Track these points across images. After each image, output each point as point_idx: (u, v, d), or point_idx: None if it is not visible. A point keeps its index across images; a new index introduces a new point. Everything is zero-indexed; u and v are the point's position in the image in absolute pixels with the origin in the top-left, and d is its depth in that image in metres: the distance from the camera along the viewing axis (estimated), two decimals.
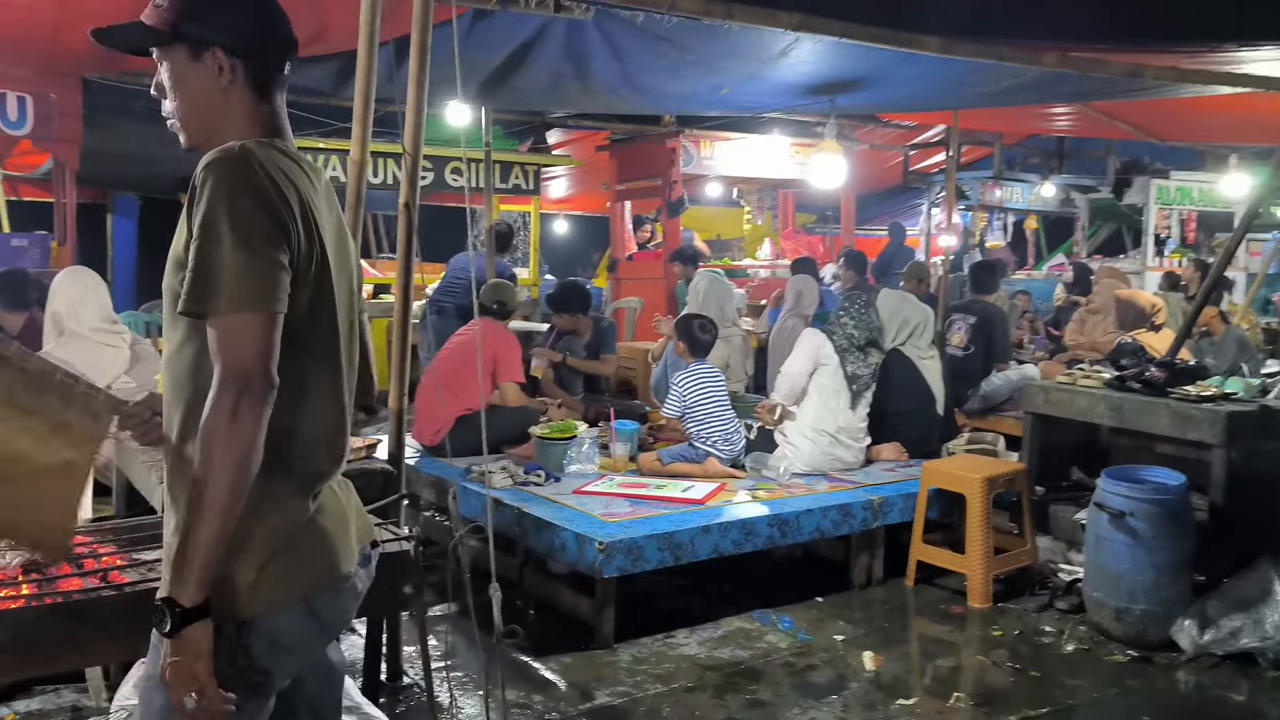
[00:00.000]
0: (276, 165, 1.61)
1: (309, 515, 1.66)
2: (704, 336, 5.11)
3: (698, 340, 5.09)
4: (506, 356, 5.20)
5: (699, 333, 5.10)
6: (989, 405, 6.83)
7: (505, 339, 5.27)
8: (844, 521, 4.41)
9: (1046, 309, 11.61)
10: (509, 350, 5.23)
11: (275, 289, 1.55)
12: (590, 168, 11.71)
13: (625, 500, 4.31)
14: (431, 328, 6.54)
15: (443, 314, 6.65)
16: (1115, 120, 8.00)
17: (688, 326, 5.14)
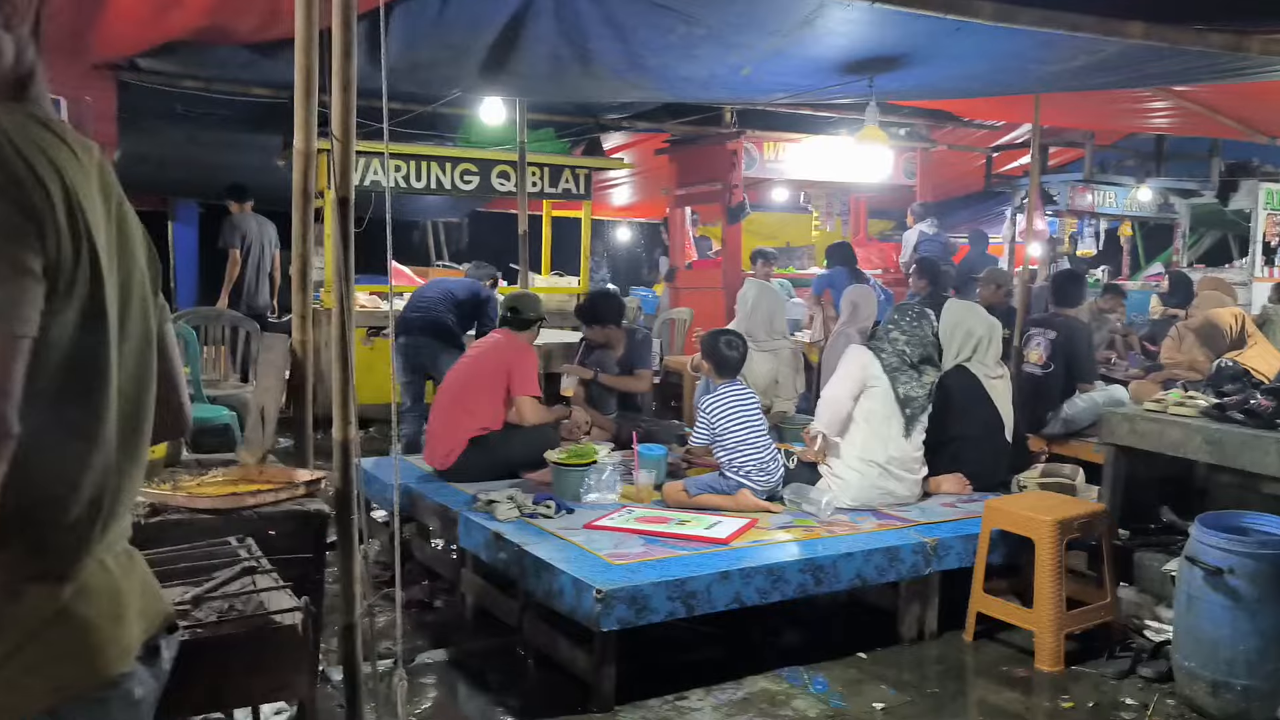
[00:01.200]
0: (30, 139, 1.19)
1: (60, 603, 1.23)
2: (731, 354, 4.60)
3: (725, 359, 4.58)
4: (521, 368, 4.76)
5: (726, 350, 4.59)
6: (1070, 430, 6.16)
7: (521, 350, 4.83)
8: (890, 567, 3.86)
9: (1142, 322, 10.77)
10: (524, 362, 4.79)
11: (17, 304, 1.12)
12: (651, 171, 11.28)
13: (639, 538, 3.83)
14: (399, 350, 6.15)
15: (410, 333, 6.21)
16: (1218, 115, 7.23)
17: (713, 344, 4.63)
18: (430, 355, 6.04)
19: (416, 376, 6.21)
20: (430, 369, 6.11)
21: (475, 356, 4.93)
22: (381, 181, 7.94)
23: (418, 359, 6.15)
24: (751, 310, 5.77)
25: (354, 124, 2.49)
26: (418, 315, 6.28)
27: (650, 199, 12.72)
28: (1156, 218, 11.86)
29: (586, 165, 8.67)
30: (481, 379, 4.75)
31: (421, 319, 6.23)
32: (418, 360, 6.15)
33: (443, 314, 6.19)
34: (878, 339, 4.54)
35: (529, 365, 4.79)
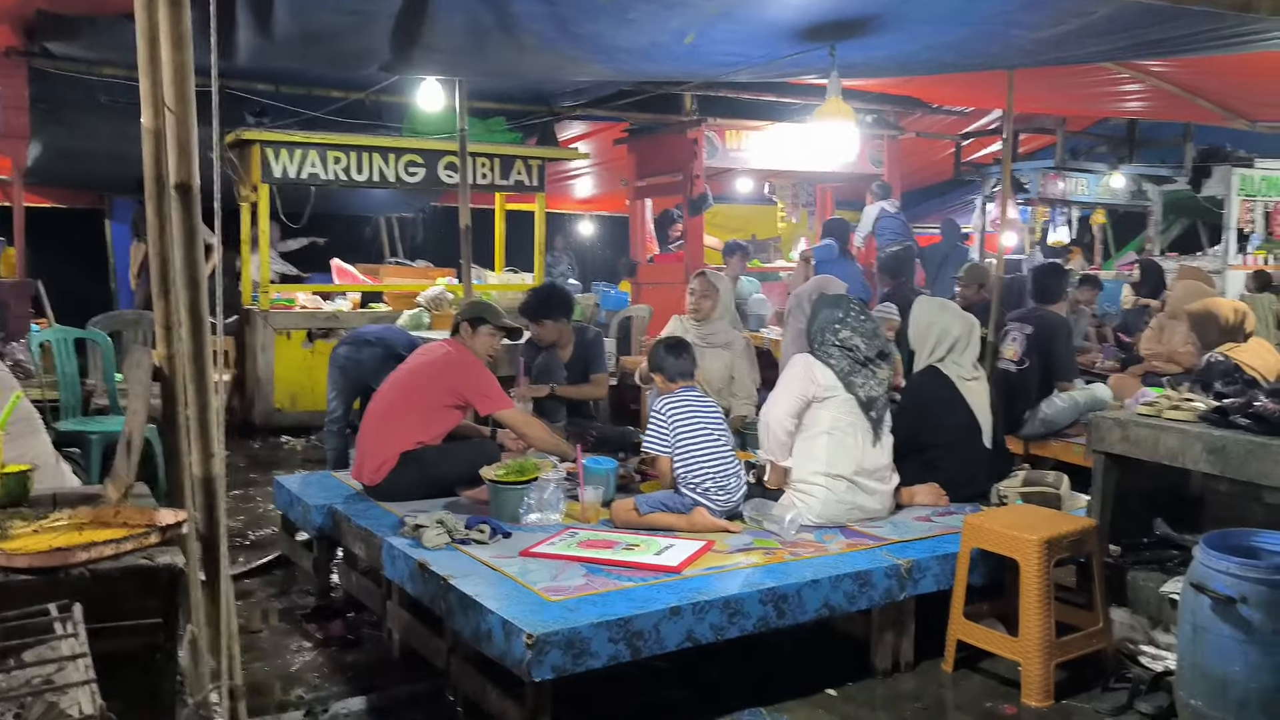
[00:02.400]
0: None
1: None
2: (680, 361, 4.20)
3: (673, 367, 4.18)
4: (480, 387, 4.33)
5: (672, 357, 4.19)
6: (1050, 430, 5.84)
7: (467, 366, 4.39)
8: (861, 594, 3.47)
9: (1114, 313, 10.49)
10: (479, 380, 4.35)
11: None
12: (612, 162, 10.86)
13: (581, 567, 3.42)
14: (337, 360, 5.61)
15: (357, 344, 5.67)
16: (1196, 98, 6.91)
17: (659, 353, 4.23)
18: (372, 369, 5.49)
19: (350, 388, 5.67)
20: (371, 381, 5.56)
21: (414, 365, 4.49)
22: (320, 174, 7.48)
23: (358, 372, 5.58)
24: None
25: (192, 93, 2.05)
26: (373, 334, 5.75)
27: (613, 191, 12.30)
28: (1129, 205, 11.60)
29: (540, 156, 8.23)
30: (420, 389, 4.32)
31: (374, 335, 5.70)
32: (358, 373, 5.58)
33: (395, 340, 5.67)
34: (823, 343, 4.13)
35: (485, 380, 4.35)
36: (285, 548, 4.66)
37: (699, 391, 4.17)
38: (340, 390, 5.64)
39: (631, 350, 7.71)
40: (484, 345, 4.52)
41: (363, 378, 5.52)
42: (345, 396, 5.64)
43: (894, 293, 7.92)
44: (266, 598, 4.32)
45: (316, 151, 7.39)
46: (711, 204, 9.07)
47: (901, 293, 7.90)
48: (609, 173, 11.36)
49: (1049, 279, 6.31)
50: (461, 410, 4.40)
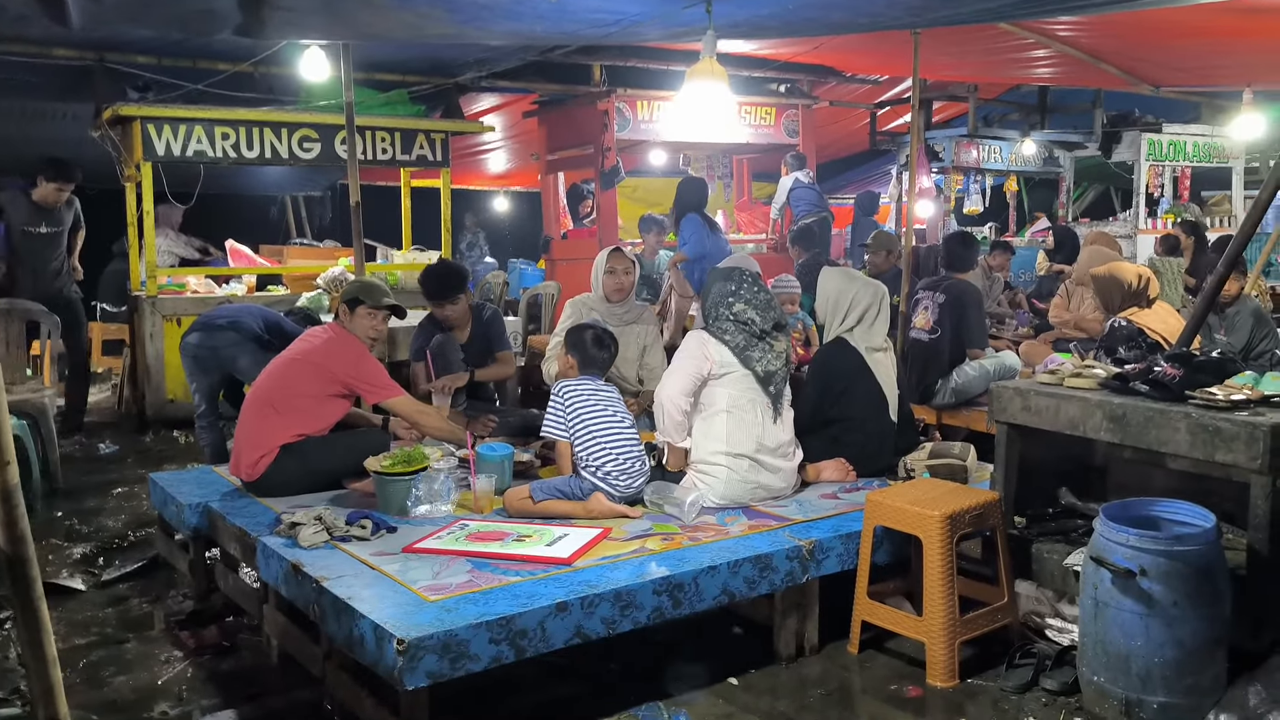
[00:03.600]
0: None
1: None
2: (600, 354, 4.01)
3: (591, 358, 4.00)
4: (363, 374, 4.09)
5: (593, 348, 4.00)
6: (961, 399, 5.78)
7: (353, 355, 4.13)
8: (762, 578, 3.34)
9: (1029, 279, 10.56)
10: (361, 366, 4.11)
11: None
12: (523, 136, 10.59)
13: (466, 562, 3.23)
14: (190, 352, 5.27)
15: (206, 329, 5.27)
16: (1101, 63, 6.89)
17: (579, 339, 4.04)
18: (229, 356, 5.15)
19: (208, 377, 5.29)
20: (230, 368, 5.23)
21: (295, 352, 4.21)
22: (208, 152, 7.11)
23: (214, 360, 5.18)
24: (594, 280, 5.14)
25: None
26: (224, 317, 5.41)
27: (527, 166, 12.03)
28: (1041, 172, 11.67)
29: (443, 129, 7.91)
30: (300, 377, 4.07)
31: (225, 318, 5.37)
32: (214, 361, 5.20)
33: (249, 322, 5.34)
34: (717, 318, 3.98)
35: (366, 364, 4.11)
36: (162, 549, 4.39)
37: (600, 380, 3.99)
38: (199, 381, 5.27)
39: (542, 329, 7.50)
40: (363, 327, 4.27)
41: (220, 365, 5.19)
42: (205, 388, 5.27)
43: (807, 266, 7.83)
44: (141, 604, 4.05)
45: (202, 127, 7.00)
46: (624, 177, 8.87)
47: (814, 265, 7.81)
48: (521, 147, 11.09)
49: (959, 247, 6.24)
50: (347, 399, 4.16)
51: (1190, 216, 10.70)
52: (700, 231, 7.15)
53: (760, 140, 9.71)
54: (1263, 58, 6.25)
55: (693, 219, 7.26)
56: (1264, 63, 6.52)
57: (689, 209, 7.20)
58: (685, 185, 7.49)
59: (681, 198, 7.26)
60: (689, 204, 7.22)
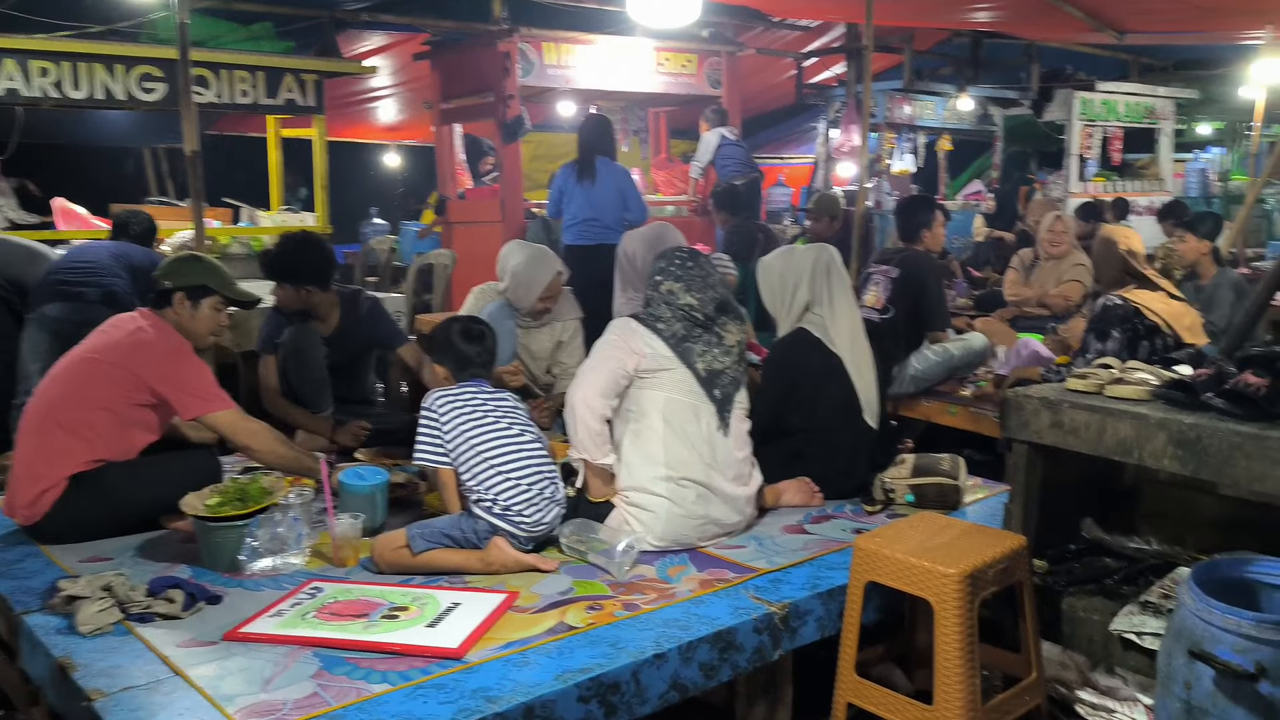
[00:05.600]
0: None
1: None
2: (475, 348, 3.09)
3: (468, 358, 3.07)
4: (181, 379, 3.07)
5: (466, 343, 3.08)
6: (921, 387, 5.01)
7: (169, 354, 3.11)
8: (723, 661, 2.48)
9: (963, 244, 9.93)
10: (179, 369, 3.09)
11: None
12: (416, 82, 9.46)
13: (314, 657, 2.29)
14: (43, 323, 4.27)
15: (67, 297, 4.31)
16: (1065, 4, 6.14)
17: (446, 339, 3.11)
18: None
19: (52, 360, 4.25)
20: None
21: (90, 349, 3.17)
22: (21, 90, 5.87)
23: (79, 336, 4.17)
24: (514, 284, 4.18)
25: None
26: (78, 274, 4.33)
27: (422, 116, 10.86)
28: (975, 130, 11.02)
29: (316, 70, 6.77)
30: (95, 381, 3.04)
31: (85, 278, 4.28)
32: (79, 338, 4.16)
33: (113, 279, 4.26)
34: (647, 302, 3.14)
35: (186, 367, 3.09)
36: None
37: (487, 384, 3.07)
38: (44, 363, 4.19)
39: (434, 305, 6.49)
40: (207, 323, 3.26)
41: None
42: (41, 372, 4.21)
43: (735, 232, 6.98)
44: None
45: (14, 61, 5.76)
46: (529, 129, 7.85)
47: (743, 232, 6.96)
48: (412, 94, 9.95)
49: (915, 212, 5.44)
50: (161, 411, 3.14)
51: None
52: (565, 181, 6.15)
53: (680, 90, 8.79)
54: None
55: (564, 168, 6.26)
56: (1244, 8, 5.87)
57: (596, 151, 6.15)
58: (587, 126, 6.43)
59: (586, 141, 6.21)
60: (596, 145, 6.19)
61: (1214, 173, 13.79)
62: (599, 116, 7.01)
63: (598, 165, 6.05)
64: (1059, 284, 5.98)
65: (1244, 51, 9.75)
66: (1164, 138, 11.88)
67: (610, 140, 6.38)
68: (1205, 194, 12.91)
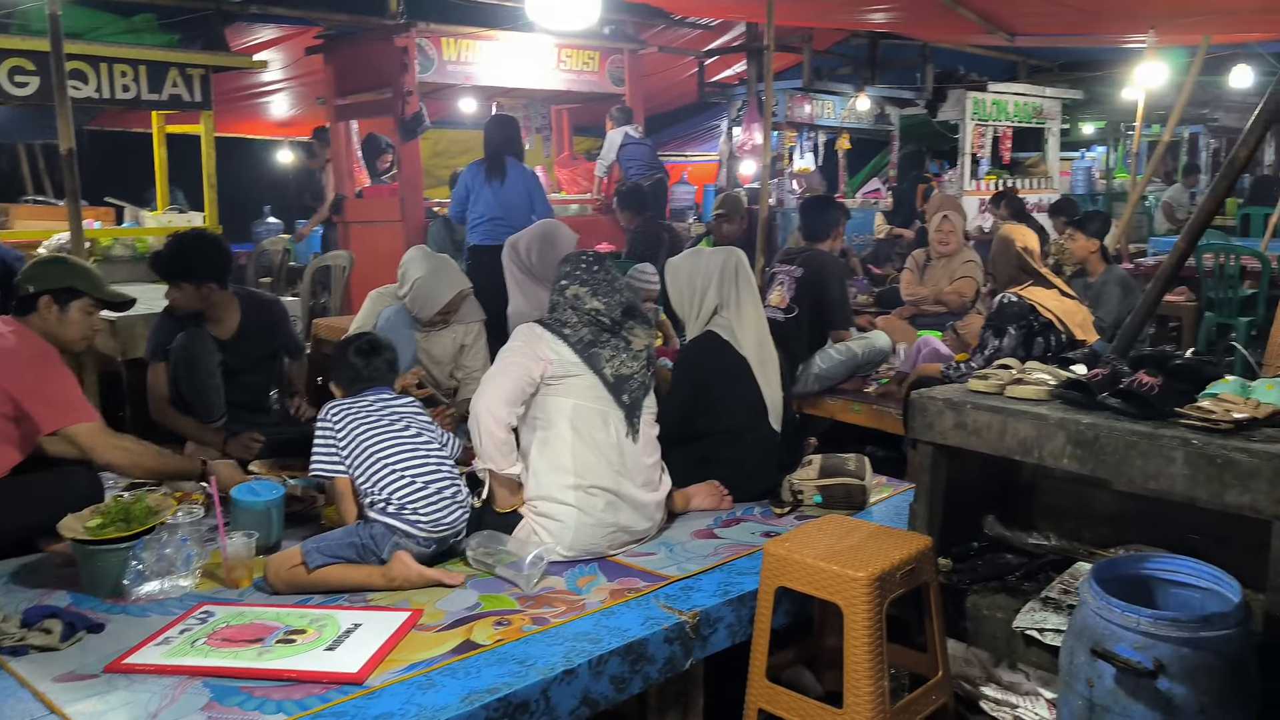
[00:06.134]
0: None
1: None
2: (372, 362, 3.00)
3: (362, 376, 2.98)
4: (45, 391, 2.89)
5: (361, 360, 2.99)
6: (824, 386, 5.05)
7: (30, 361, 2.92)
8: (634, 674, 2.44)
9: (864, 242, 10.10)
10: (45, 379, 2.90)
11: None
12: (310, 76, 9.19)
13: (205, 686, 2.17)
14: None
15: None
16: (959, 6, 6.28)
17: (341, 359, 3.02)
18: None
19: None
20: None
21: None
22: None
23: None
24: (414, 296, 4.06)
25: None
26: None
27: (316, 112, 10.55)
28: (873, 129, 11.22)
29: (201, 64, 6.50)
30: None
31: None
32: None
33: None
34: (553, 306, 3.10)
35: (48, 376, 2.90)
36: None
37: (387, 391, 2.98)
38: None
39: (332, 309, 6.30)
40: (77, 328, 3.09)
41: None
42: None
43: (640, 232, 6.95)
44: None
45: None
46: (429, 126, 7.69)
47: (647, 232, 6.93)
48: (306, 90, 9.67)
49: (819, 213, 5.49)
50: (17, 423, 2.94)
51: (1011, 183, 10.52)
52: (473, 180, 6.07)
53: (582, 88, 8.72)
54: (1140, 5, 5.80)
55: (470, 167, 6.19)
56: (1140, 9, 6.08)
57: (504, 151, 6.09)
58: (494, 125, 6.37)
59: (494, 140, 6.14)
60: (503, 145, 6.12)
61: (1098, 171, 14.34)
62: (506, 116, 6.90)
63: (508, 165, 6.00)
64: (952, 281, 6.10)
65: (1125, 54, 10.15)
66: (1051, 137, 12.27)
67: (518, 140, 6.33)
68: (1091, 191, 13.41)
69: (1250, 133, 3.18)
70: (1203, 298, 7.00)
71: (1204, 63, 7.29)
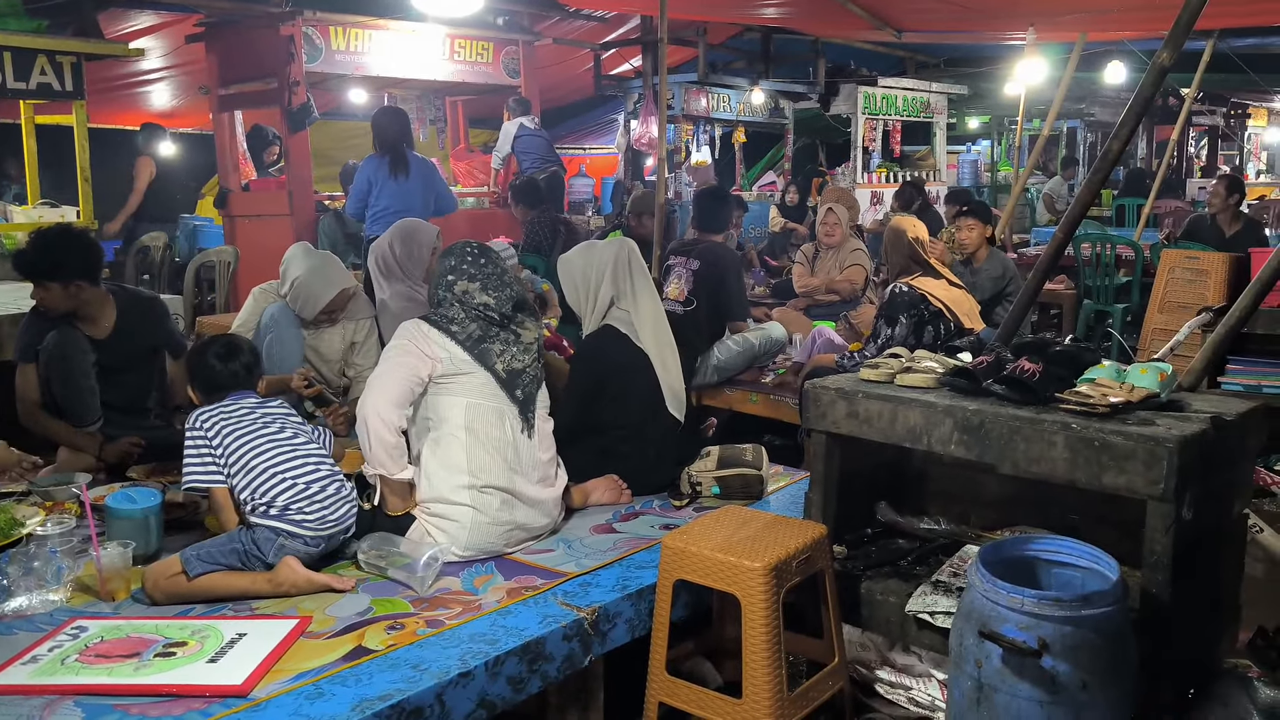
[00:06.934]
0: None
1: None
2: (230, 366, 2.90)
3: (222, 380, 2.88)
4: None
5: (221, 363, 2.89)
6: (723, 377, 5.09)
7: None
8: (533, 673, 2.41)
9: (759, 234, 10.22)
10: None
11: None
12: (193, 65, 8.84)
13: (77, 706, 2.06)
14: None
15: None
16: (849, 2, 6.38)
17: (199, 362, 2.92)
18: None
19: None
20: None
21: None
22: None
23: None
24: (295, 295, 3.94)
25: None
26: None
27: (199, 101, 10.16)
28: (769, 122, 11.36)
29: (72, 51, 6.16)
30: None
31: None
32: None
33: None
34: (439, 302, 3.03)
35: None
36: None
37: (254, 395, 2.88)
38: None
39: (219, 307, 6.07)
40: None
41: None
42: None
43: (535, 225, 6.88)
44: None
45: None
46: (317, 117, 7.47)
47: (543, 225, 6.87)
48: (188, 79, 9.31)
49: (712, 205, 5.51)
50: None
51: (909, 175, 10.77)
52: (375, 174, 5.96)
53: (477, 79, 8.60)
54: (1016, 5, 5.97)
55: (370, 160, 6.10)
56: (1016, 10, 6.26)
57: (400, 143, 5.99)
58: (381, 118, 6.25)
59: (381, 132, 6.04)
60: (396, 137, 6.02)
61: (983, 164, 14.80)
62: (394, 108, 6.76)
63: (409, 157, 5.91)
64: (842, 270, 6.21)
65: (1007, 51, 10.48)
66: (939, 131, 12.63)
67: (410, 132, 6.22)
68: (976, 184, 13.84)
69: (1123, 126, 3.31)
70: (1080, 286, 7.27)
71: (1080, 59, 7.58)
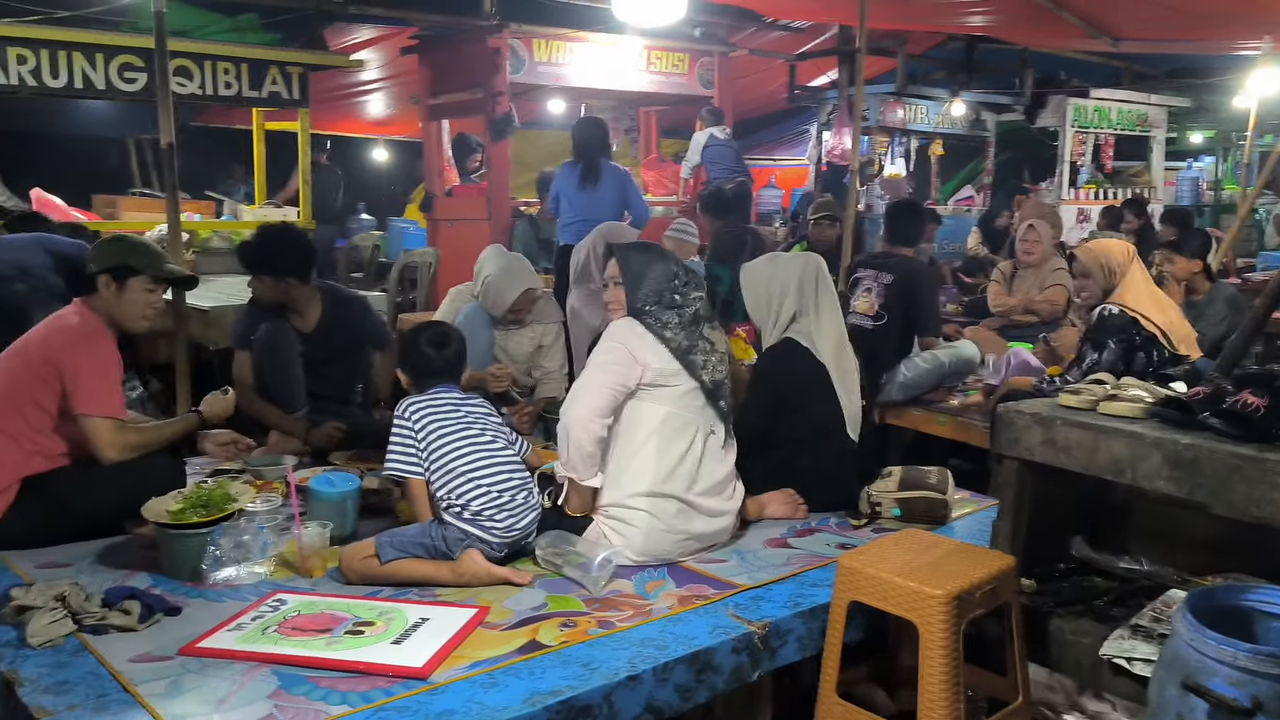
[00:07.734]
0: None
1: None
2: (442, 354, 3.00)
3: (434, 367, 2.98)
4: (84, 368, 2.92)
5: (432, 350, 2.99)
6: (909, 396, 4.93)
7: (81, 343, 2.98)
8: (700, 683, 2.39)
9: (954, 249, 9.86)
10: (84, 360, 2.93)
11: None
12: (405, 76, 9.34)
13: (273, 674, 2.19)
14: None
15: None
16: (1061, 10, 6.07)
17: (411, 347, 3.02)
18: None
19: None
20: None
21: (30, 340, 3.05)
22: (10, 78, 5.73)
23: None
24: (485, 292, 4.10)
25: None
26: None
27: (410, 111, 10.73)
28: (968, 135, 10.96)
29: (300, 62, 6.66)
30: (24, 376, 2.93)
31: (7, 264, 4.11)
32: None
33: (43, 270, 4.12)
34: (657, 303, 3.00)
35: (90, 359, 2.94)
36: None
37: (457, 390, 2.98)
38: None
39: (419, 305, 6.38)
40: (136, 306, 3.09)
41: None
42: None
43: (721, 236, 6.87)
44: None
45: (10, 48, 5.62)
46: (518, 127, 7.76)
47: (729, 236, 6.85)
48: (400, 89, 9.84)
49: (906, 218, 5.35)
50: None
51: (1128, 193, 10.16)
52: (565, 184, 6.14)
53: (671, 90, 8.70)
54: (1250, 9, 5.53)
55: (562, 169, 6.30)
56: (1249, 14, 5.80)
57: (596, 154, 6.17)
58: (582, 128, 6.44)
59: (581, 142, 6.22)
60: (594, 147, 6.19)
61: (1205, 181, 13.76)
62: (595, 118, 6.95)
63: (602, 168, 6.08)
64: (1042, 290, 5.91)
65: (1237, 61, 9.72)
66: (1156, 145, 11.84)
67: (607, 142, 6.39)
68: (1197, 202, 12.89)
69: None
70: None
71: None
